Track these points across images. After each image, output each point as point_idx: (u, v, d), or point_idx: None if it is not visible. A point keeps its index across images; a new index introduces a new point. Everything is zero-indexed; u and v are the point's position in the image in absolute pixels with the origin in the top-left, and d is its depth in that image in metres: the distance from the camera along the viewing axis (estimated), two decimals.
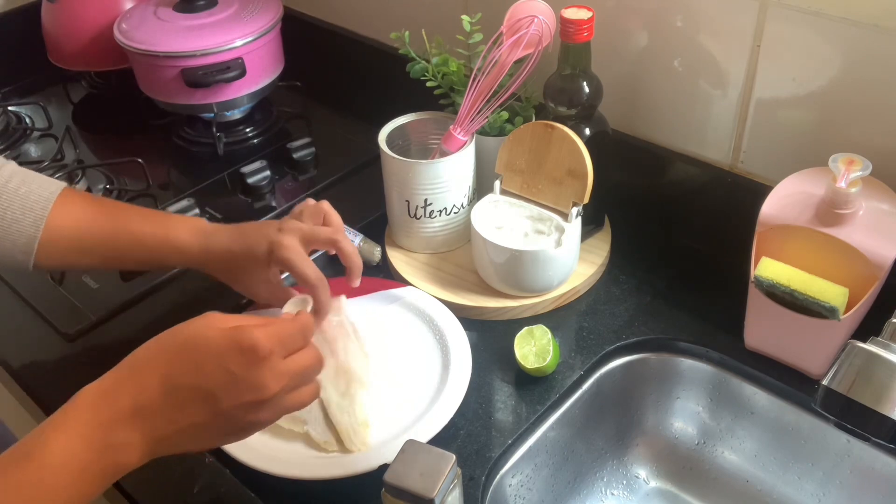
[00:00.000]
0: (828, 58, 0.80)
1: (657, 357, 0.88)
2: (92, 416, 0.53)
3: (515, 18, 0.88)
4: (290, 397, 0.58)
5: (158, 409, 0.54)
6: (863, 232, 0.75)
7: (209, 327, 0.56)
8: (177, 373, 0.54)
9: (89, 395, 0.54)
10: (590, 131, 0.90)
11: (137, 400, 0.53)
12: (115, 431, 0.53)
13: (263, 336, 0.55)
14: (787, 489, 0.86)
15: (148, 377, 0.54)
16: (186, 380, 0.54)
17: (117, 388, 0.54)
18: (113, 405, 0.53)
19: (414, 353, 0.86)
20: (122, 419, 0.53)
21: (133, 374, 0.55)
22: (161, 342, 0.57)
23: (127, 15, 1.22)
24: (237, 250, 0.78)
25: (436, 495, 0.60)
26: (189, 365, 0.54)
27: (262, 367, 0.55)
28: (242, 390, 0.54)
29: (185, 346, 0.56)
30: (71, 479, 0.51)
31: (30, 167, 1.16)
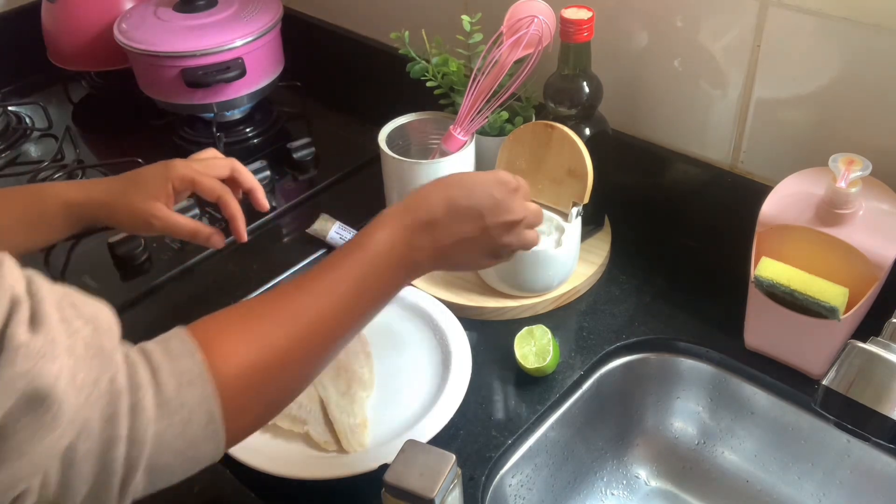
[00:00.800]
0: (828, 58, 0.80)
1: (657, 357, 0.88)
2: (398, 220, 0.66)
3: (515, 18, 0.88)
4: (525, 232, 0.71)
5: (443, 221, 0.67)
6: (863, 232, 0.75)
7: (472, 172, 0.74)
8: (455, 195, 0.68)
9: (393, 210, 0.67)
10: (590, 131, 0.90)
11: (429, 212, 0.67)
12: (415, 235, 0.66)
13: (516, 178, 0.71)
14: (787, 489, 0.86)
15: (435, 198, 0.68)
16: (462, 201, 0.68)
17: (415, 205, 0.67)
18: (413, 216, 0.67)
19: (414, 353, 0.86)
20: (420, 227, 0.66)
21: (425, 196, 0.68)
22: (442, 180, 0.71)
23: (127, 15, 1.22)
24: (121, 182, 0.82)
25: (436, 495, 0.61)
26: (464, 190, 0.69)
27: (514, 196, 0.70)
28: (500, 210, 0.68)
29: (460, 179, 0.70)
30: (389, 262, 0.65)
31: (30, 167, 1.17)
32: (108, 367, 0.47)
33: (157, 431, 0.48)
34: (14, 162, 1.21)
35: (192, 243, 1.02)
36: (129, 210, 0.80)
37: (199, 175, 0.82)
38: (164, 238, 1.03)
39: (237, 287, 0.95)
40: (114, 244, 0.99)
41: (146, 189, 0.80)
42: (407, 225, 0.66)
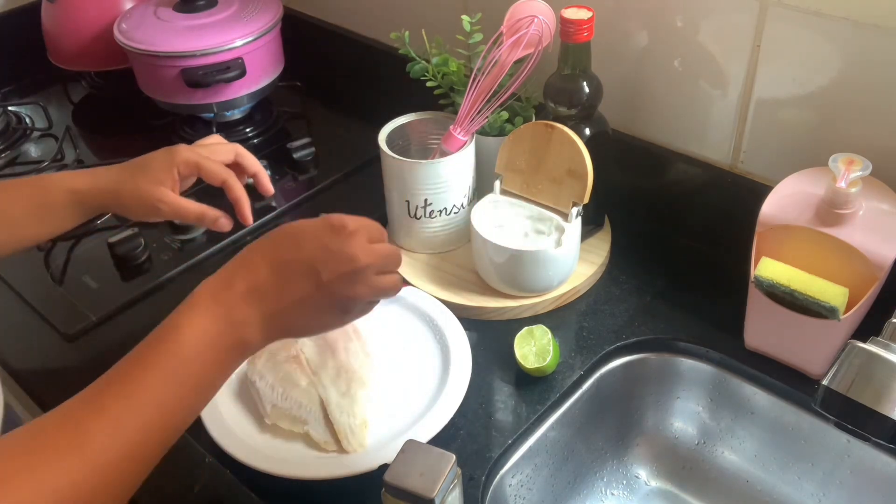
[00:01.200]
0: (828, 58, 0.80)
1: (657, 357, 0.88)
2: (213, 300, 0.59)
3: (515, 18, 0.88)
4: (379, 277, 0.64)
5: (269, 286, 0.60)
6: (863, 232, 0.75)
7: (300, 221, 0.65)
8: (280, 254, 0.61)
9: (207, 286, 0.60)
10: (590, 131, 0.90)
11: (250, 281, 0.60)
12: (236, 309, 0.59)
13: (349, 218, 0.64)
14: (787, 489, 0.86)
15: (257, 261, 0.61)
16: (289, 258, 0.61)
17: (231, 276, 0.61)
18: (230, 289, 0.59)
19: (414, 353, 0.86)
20: (240, 299, 0.59)
21: (244, 261, 0.62)
22: (260, 239, 0.64)
23: (127, 15, 1.22)
24: (127, 169, 0.81)
25: (436, 495, 0.60)
26: (290, 245, 0.62)
27: (352, 240, 0.62)
28: (338, 261, 0.61)
29: (285, 231, 0.63)
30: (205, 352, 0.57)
31: (30, 167, 1.17)
32: None
33: None
34: (14, 162, 1.21)
35: (192, 243, 1.02)
36: (135, 196, 0.79)
37: (204, 159, 0.81)
38: (164, 238, 1.03)
39: None
40: (114, 244, 0.99)
41: (152, 174, 0.79)
42: (223, 301, 0.59)
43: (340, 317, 0.64)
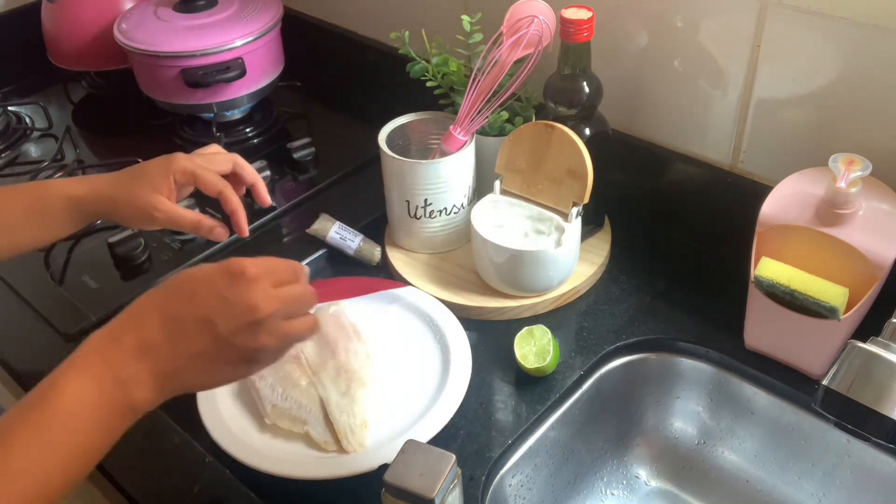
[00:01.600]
0: (828, 58, 0.80)
1: (657, 357, 0.88)
2: (98, 356, 0.55)
3: (515, 18, 0.88)
4: (286, 324, 0.59)
5: (160, 342, 0.56)
6: (863, 232, 0.75)
7: (198, 268, 0.60)
8: (173, 305, 0.57)
9: (94, 340, 0.56)
10: (590, 131, 0.90)
11: (140, 336, 0.56)
12: (122, 367, 0.55)
13: (251, 262, 0.58)
14: (787, 489, 0.86)
15: (147, 315, 0.57)
16: (183, 310, 0.57)
17: (120, 330, 0.57)
18: (117, 344, 0.56)
19: (414, 353, 0.86)
20: (127, 356, 0.55)
21: (134, 315, 0.58)
22: (158, 287, 0.60)
23: (127, 15, 1.22)
24: (124, 177, 0.80)
25: (436, 495, 0.60)
26: (184, 296, 0.57)
27: (252, 287, 0.57)
28: (236, 312, 0.56)
29: (178, 281, 0.59)
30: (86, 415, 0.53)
31: (30, 167, 1.17)
32: None
33: None
34: (14, 162, 1.21)
35: (192, 243, 1.02)
36: (131, 203, 0.78)
37: (201, 169, 0.80)
38: (164, 238, 1.03)
39: None
40: (114, 244, 0.99)
41: (148, 182, 0.78)
42: (109, 357, 0.55)
43: (246, 368, 0.60)
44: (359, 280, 0.94)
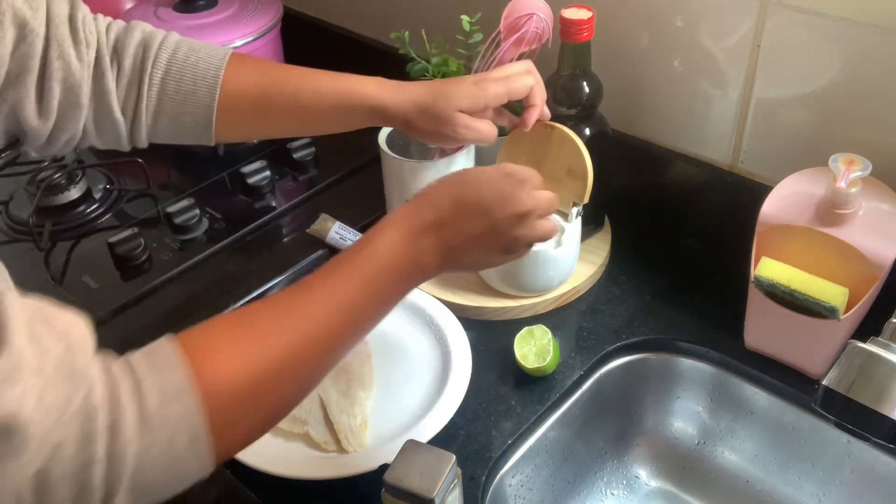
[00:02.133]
0: (828, 58, 0.80)
1: (657, 357, 0.88)
2: (403, 224, 0.64)
3: (513, 16, 0.88)
4: (538, 223, 0.69)
5: (450, 220, 0.65)
6: (863, 232, 0.75)
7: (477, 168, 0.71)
8: (462, 192, 0.67)
9: (396, 213, 0.65)
10: (590, 131, 0.90)
11: (435, 213, 0.65)
12: (421, 237, 0.64)
13: (520, 168, 0.70)
14: (787, 489, 0.86)
15: (440, 196, 0.66)
16: (469, 197, 0.66)
17: (419, 207, 0.65)
18: (418, 217, 0.65)
19: (414, 353, 0.86)
20: (425, 228, 0.64)
21: (429, 197, 0.67)
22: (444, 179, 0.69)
23: (127, 15, 1.22)
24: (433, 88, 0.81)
25: (436, 495, 0.61)
26: (470, 186, 0.67)
27: (522, 187, 0.68)
28: (509, 203, 0.66)
29: (466, 176, 0.69)
30: (393, 266, 0.63)
31: (30, 167, 1.17)
32: (81, 385, 0.45)
33: (138, 450, 0.46)
34: (14, 162, 1.21)
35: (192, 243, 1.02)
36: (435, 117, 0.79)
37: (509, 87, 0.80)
38: (164, 238, 1.03)
39: (237, 287, 0.95)
40: (114, 244, 0.99)
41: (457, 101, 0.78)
42: (411, 227, 0.64)
43: (503, 256, 0.70)
44: None
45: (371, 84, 0.82)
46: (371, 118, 0.82)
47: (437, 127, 0.79)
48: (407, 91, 0.81)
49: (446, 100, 0.79)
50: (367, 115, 0.81)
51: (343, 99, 0.81)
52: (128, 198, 1.11)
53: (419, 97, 0.80)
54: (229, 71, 0.78)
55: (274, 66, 0.85)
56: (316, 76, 0.83)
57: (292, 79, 0.82)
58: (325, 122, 0.84)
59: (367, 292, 0.61)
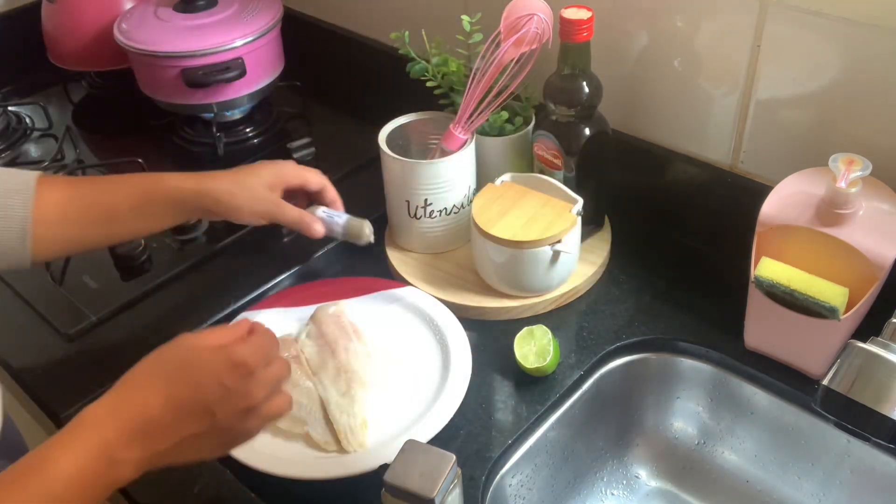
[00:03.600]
0: (828, 58, 0.80)
1: (657, 357, 0.88)
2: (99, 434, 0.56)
3: (513, 17, 0.88)
4: (269, 405, 0.64)
5: (160, 424, 0.58)
6: (863, 232, 0.75)
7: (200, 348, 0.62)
8: (177, 390, 0.59)
9: (94, 414, 0.57)
10: (590, 131, 0.90)
11: (140, 417, 0.57)
12: (120, 448, 0.56)
13: (249, 353, 0.62)
14: (787, 489, 0.86)
15: (150, 395, 0.58)
16: (187, 395, 0.59)
17: (122, 407, 0.58)
18: (118, 423, 0.57)
19: (414, 353, 0.86)
20: (127, 436, 0.57)
21: (135, 393, 0.59)
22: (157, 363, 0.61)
23: (127, 15, 1.22)
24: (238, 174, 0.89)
25: (436, 495, 0.60)
26: (188, 383, 0.59)
27: (251, 378, 0.61)
28: (235, 400, 0.60)
29: (182, 366, 0.61)
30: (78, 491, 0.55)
31: (30, 167, 1.17)
32: None
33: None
34: (14, 162, 1.21)
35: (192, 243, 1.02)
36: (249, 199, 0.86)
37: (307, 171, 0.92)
38: (164, 238, 1.03)
39: (237, 287, 0.95)
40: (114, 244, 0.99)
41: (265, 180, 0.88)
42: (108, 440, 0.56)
43: (225, 449, 0.64)
44: (359, 280, 0.94)
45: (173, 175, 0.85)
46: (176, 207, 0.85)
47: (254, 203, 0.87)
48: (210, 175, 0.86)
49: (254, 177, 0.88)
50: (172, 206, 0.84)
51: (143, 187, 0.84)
52: None
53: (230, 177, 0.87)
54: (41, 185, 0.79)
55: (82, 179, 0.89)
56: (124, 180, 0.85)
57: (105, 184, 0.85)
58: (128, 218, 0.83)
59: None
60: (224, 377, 0.60)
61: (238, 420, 0.61)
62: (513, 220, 0.88)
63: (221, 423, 0.60)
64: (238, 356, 0.61)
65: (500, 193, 0.92)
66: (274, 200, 0.89)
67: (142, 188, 0.84)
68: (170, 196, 0.84)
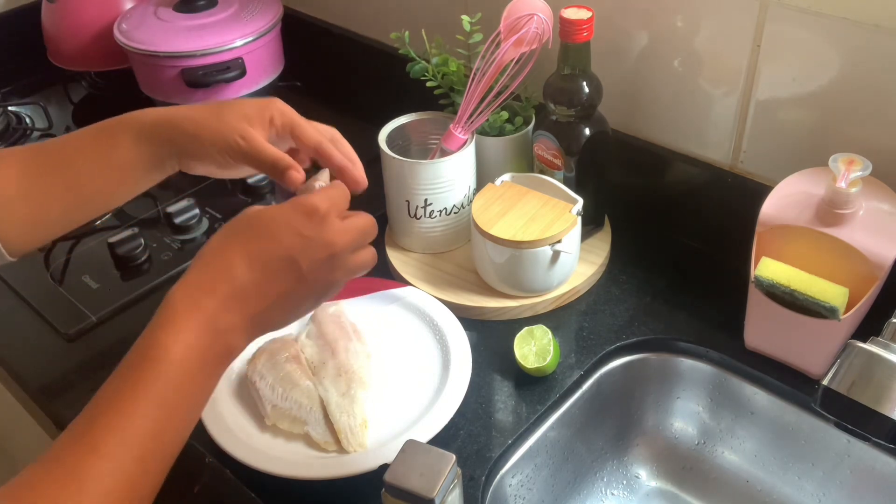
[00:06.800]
0: (828, 58, 0.80)
1: (657, 357, 0.88)
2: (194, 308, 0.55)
3: (513, 17, 0.88)
4: (354, 257, 0.61)
5: (250, 285, 0.56)
6: (863, 232, 0.75)
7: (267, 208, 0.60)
8: (257, 249, 0.57)
9: (181, 293, 0.56)
10: (590, 131, 0.90)
11: (231, 283, 0.56)
12: (219, 317, 0.55)
13: (318, 199, 0.60)
14: (787, 489, 0.86)
15: (232, 259, 0.56)
16: (268, 252, 0.57)
17: (207, 279, 0.56)
18: (210, 293, 0.55)
19: (414, 353, 0.86)
20: (222, 304, 0.55)
21: (217, 261, 0.57)
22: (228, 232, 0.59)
23: (127, 15, 1.22)
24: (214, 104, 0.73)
25: (436, 495, 0.60)
26: (265, 238, 0.57)
27: (327, 224, 0.59)
28: (316, 248, 0.58)
29: (254, 225, 0.59)
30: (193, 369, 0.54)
31: None
32: None
33: None
34: None
35: (192, 243, 1.02)
36: (216, 128, 0.69)
37: (302, 118, 0.73)
38: (164, 238, 1.03)
39: None
40: (114, 244, 0.99)
41: (241, 112, 0.71)
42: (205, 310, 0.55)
43: (317, 302, 0.62)
44: (359, 280, 0.93)
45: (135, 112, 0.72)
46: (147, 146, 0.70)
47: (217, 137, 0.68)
48: (183, 106, 0.73)
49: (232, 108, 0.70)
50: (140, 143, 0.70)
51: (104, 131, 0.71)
52: None
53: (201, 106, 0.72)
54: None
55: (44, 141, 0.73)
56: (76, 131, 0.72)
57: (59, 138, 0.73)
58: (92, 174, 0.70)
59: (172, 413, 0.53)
60: (299, 226, 0.58)
61: (325, 270, 0.59)
62: (513, 220, 0.88)
63: (308, 274, 0.58)
64: (307, 203, 0.59)
65: (500, 193, 0.92)
66: (245, 133, 0.69)
67: (98, 127, 0.72)
68: (130, 128, 0.71)
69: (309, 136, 0.71)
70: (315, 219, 0.59)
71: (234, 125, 0.70)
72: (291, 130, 0.72)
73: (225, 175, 0.75)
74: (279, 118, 0.72)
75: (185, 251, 1.01)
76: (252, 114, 0.71)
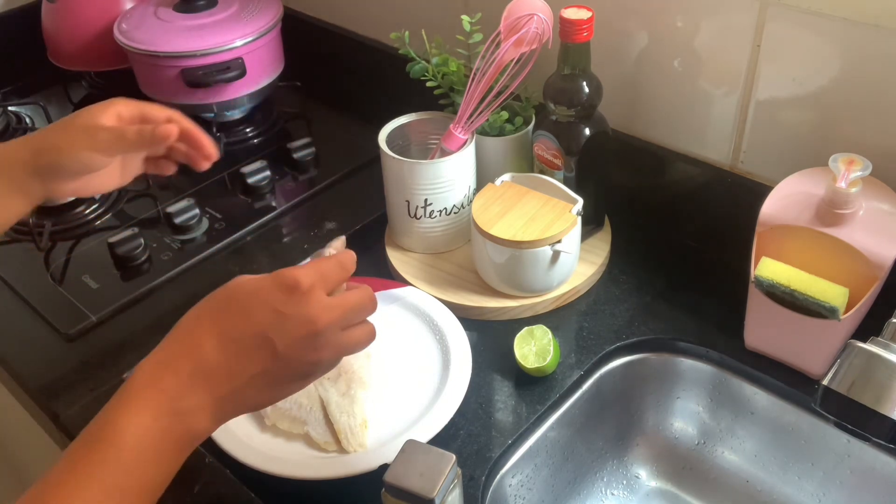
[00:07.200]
0: (828, 58, 0.80)
1: (657, 357, 0.88)
2: (154, 387, 0.52)
3: (513, 17, 0.88)
4: (345, 335, 0.57)
5: (217, 365, 0.53)
6: (863, 232, 0.75)
7: (246, 280, 0.57)
8: (227, 326, 0.54)
9: (146, 370, 0.53)
10: (590, 131, 0.90)
11: (196, 361, 0.53)
12: (181, 397, 0.52)
13: (302, 272, 0.56)
14: (787, 489, 0.86)
15: (200, 337, 0.54)
16: (238, 329, 0.54)
17: (174, 356, 0.54)
18: (173, 372, 0.53)
19: (414, 353, 0.86)
20: (185, 383, 0.52)
21: (185, 338, 0.54)
22: (203, 305, 0.56)
23: (127, 15, 1.22)
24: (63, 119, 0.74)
25: (436, 495, 0.60)
26: (237, 315, 0.54)
27: (308, 299, 0.55)
28: (294, 326, 0.54)
29: (228, 299, 0.56)
30: (148, 453, 0.51)
31: None
32: None
33: None
34: None
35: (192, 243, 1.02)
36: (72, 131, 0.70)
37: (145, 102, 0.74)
38: (164, 238, 1.03)
39: None
40: (114, 244, 0.99)
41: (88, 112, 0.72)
42: (166, 391, 0.52)
43: (304, 381, 0.58)
44: (359, 280, 0.94)
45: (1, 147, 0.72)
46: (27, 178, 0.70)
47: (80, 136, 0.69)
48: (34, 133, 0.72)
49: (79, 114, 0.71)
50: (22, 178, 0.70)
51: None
52: (128, 198, 1.11)
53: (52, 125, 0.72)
54: None
55: None
56: None
57: None
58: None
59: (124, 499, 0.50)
60: (276, 302, 0.54)
61: (306, 349, 0.54)
62: (513, 220, 0.88)
63: (285, 352, 0.54)
64: (289, 276, 0.55)
65: (500, 193, 0.92)
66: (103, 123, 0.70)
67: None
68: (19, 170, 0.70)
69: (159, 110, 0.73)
70: (296, 294, 0.55)
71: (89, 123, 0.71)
72: (141, 113, 0.73)
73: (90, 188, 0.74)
74: (126, 111, 0.73)
75: (185, 251, 1.01)
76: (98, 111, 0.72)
